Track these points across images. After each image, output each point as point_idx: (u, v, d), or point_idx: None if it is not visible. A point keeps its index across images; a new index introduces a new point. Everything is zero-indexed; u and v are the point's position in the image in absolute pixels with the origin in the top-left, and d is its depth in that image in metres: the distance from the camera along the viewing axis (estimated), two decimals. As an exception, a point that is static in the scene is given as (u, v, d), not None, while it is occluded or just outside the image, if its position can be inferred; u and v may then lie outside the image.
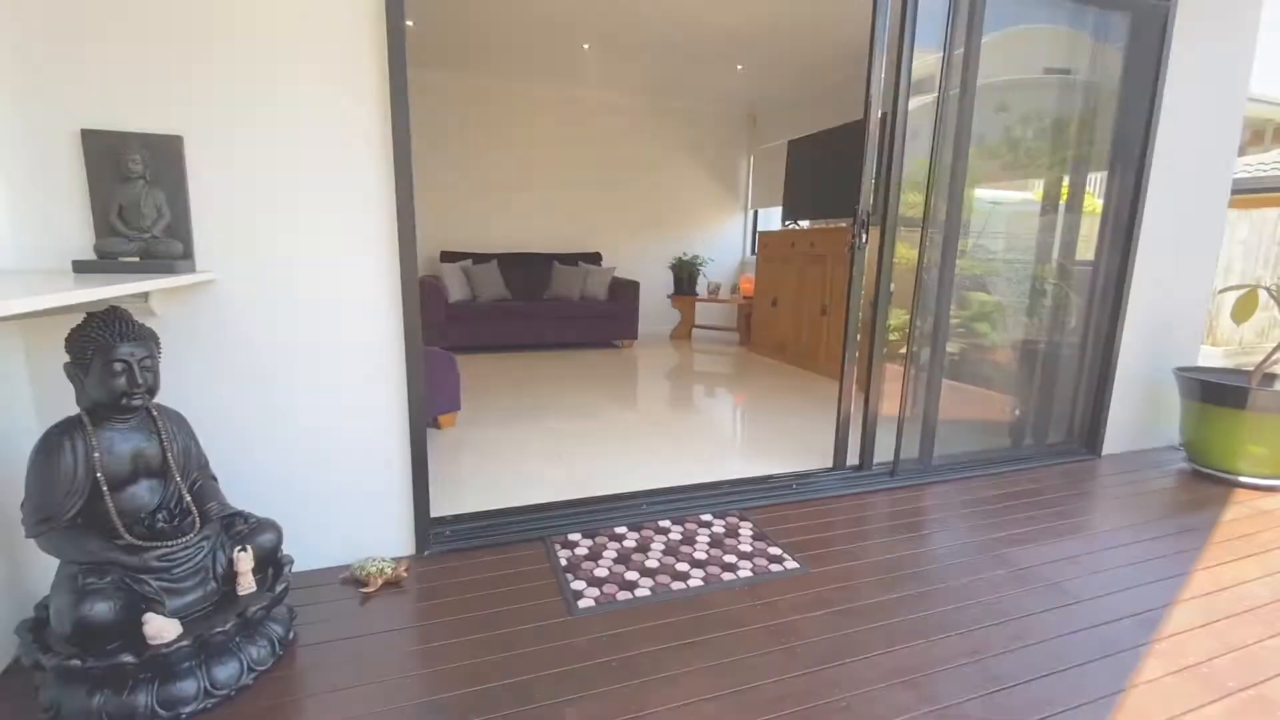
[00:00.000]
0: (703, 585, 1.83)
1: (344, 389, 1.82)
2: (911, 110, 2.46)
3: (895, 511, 2.42)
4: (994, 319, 3.05)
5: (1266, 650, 1.60)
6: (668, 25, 4.61)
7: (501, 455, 2.87)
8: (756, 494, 2.49)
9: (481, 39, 4.98)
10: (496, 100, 6.15)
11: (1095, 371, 3.09)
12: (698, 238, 7.23)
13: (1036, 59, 2.89)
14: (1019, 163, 3.04)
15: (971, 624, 1.68)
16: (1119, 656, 1.56)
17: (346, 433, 1.85)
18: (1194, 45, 2.84)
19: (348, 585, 1.80)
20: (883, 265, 2.56)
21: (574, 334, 5.82)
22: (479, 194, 6.27)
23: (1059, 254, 3.06)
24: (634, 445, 3.07)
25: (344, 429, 1.84)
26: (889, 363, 2.67)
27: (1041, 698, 1.40)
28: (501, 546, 2.04)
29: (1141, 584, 1.91)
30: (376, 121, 1.74)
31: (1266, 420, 2.67)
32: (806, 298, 5.01)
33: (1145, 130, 2.85)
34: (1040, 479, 2.80)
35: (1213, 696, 1.42)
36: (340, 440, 1.85)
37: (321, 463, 1.84)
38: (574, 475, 2.64)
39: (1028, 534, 2.23)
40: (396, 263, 1.82)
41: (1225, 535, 2.27)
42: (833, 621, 1.67)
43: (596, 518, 2.23)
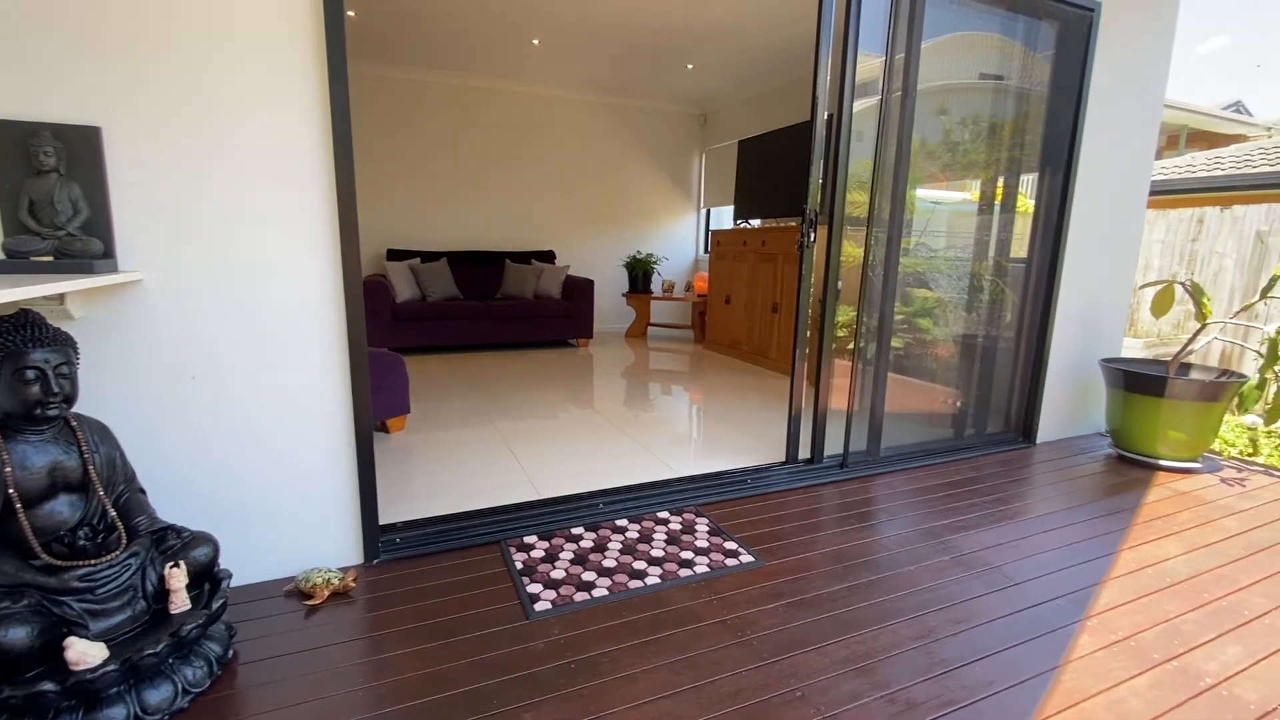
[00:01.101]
0: (660, 583, 1.83)
1: (284, 394, 1.75)
2: (856, 112, 2.53)
3: (845, 503, 2.48)
4: (936, 314, 3.16)
5: (1187, 623, 1.71)
6: (617, 23, 4.61)
7: (454, 458, 2.81)
8: (713, 490, 2.51)
9: (427, 32, 4.86)
10: (444, 95, 6.02)
11: (1029, 363, 3.25)
12: (652, 236, 7.26)
13: (973, 65, 3.01)
14: (957, 164, 3.17)
15: (918, 610, 1.74)
16: (1054, 634, 1.64)
17: (287, 439, 1.77)
18: (1115, 54, 3.02)
19: (292, 598, 1.72)
20: (830, 263, 2.62)
21: (528, 333, 5.76)
22: (427, 191, 6.12)
23: (995, 252, 3.20)
24: (591, 445, 3.05)
25: (284, 436, 1.77)
26: (838, 358, 2.73)
27: (984, 678, 1.46)
28: (455, 552, 2.00)
29: (1074, 565, 2.02)
30: (315, 114, 1.67)
31: (1183, 407, 2.86)
32: (758, 295, 5.10)
33: (1072, 134, 3.01)
34: (980, 467, 2.92)
35: (1140, 668, 1.51)
36: (280, 447, 1.77)
37: (261, 471, 1.75)
38: (529, 477, 2.61)
39: (970, 521, 2.33)
40: (338, 261, 1.75)
41: (1148, 516, 2.42)
42: (787, 613, 1.70)
43: (553, 519, 2.21)
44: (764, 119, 6.00)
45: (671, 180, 7.29)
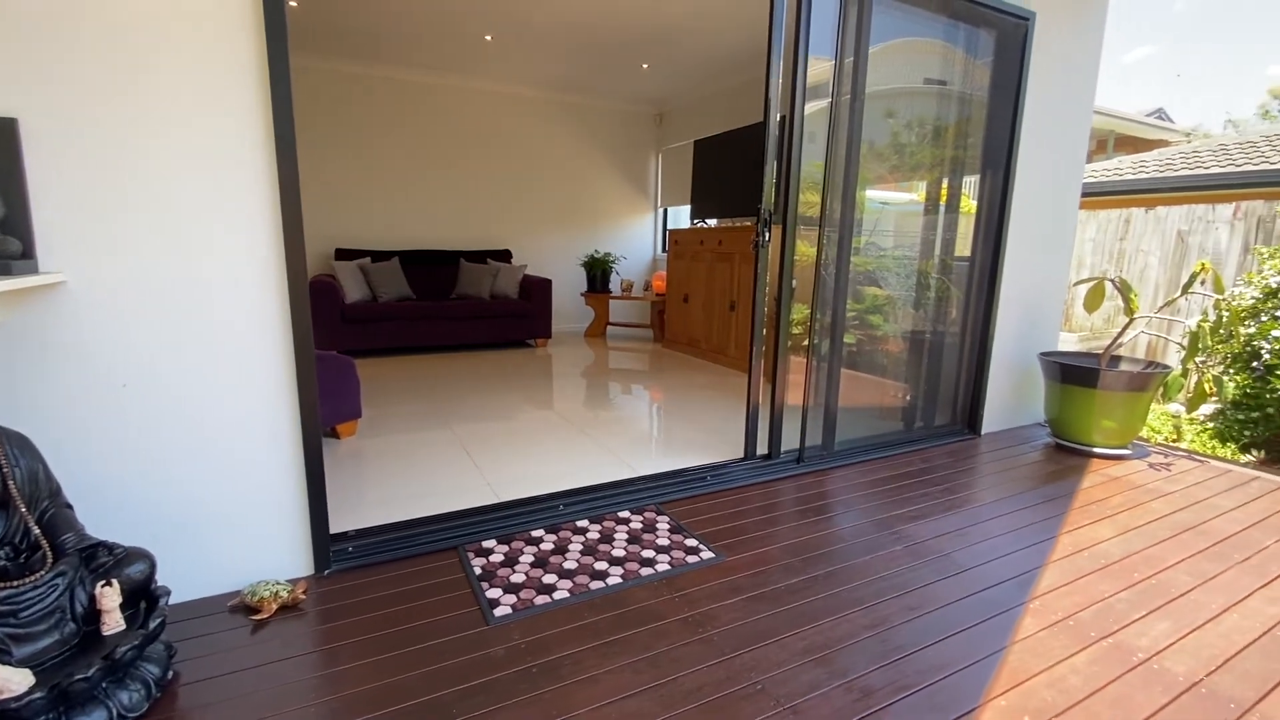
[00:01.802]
0: (621, 582, 1.83)
1: (225, 401, 1.67)
2: (808, 114, 2.58)
3: (802, 496, 2.53)
4: (886, 311, 3.26)
5: (1120, 602, 1.81)
6: (571, 21, 4.58)
7: (409, 463, 2.75)
8: (673, 488, 2.52)
9: (377, 24, 4.72)
10: (396, 90, 5.86)
11: (973, 358, 3.38)
12: (610, 235, 7.24)
13: (918, 70, 3.11)
14: (905, 166, 3.27)
15: (873, 599, 1.78)
16: (1001, 617, 1.71)
17: (229, 447, 1.69)
18: (1049, 62, 3.17)
19: (237, 613, 1.65)
20: (785, 262, 2.67)
21: (485, 334, 5.67)
22: (377, 189, 5.95)
23: (940, 251, 3.31)
24: (550, 446, 3.03)
25: (226, 444, 1.69)
26: (793, 355, 2.79)
27: (936, 662, 1.51)
28: (411, 559, 1.95)
29: (1017, 550, 2.11)
30: (255, 106, 1.60)
31: (1114, 397, 3.02)
32: (716, 294, 5.15)
33: (1010, 138, 3.14)
34: (930, 458, 3.02)
35: (1079, 646, 1.59)
36: (222, 456, 1.69)
37: (201, 482, 1.67)
38: (488, 480, 2.57)
39: (920, 510, 2.41)
40: (282, 261, 1.69)
41: (1084, 501, 2.55)
42: (747, 607, 1.72)
43: (512, 523, 2.18)
44: (719, 119, 6.06)
45: (628, 179, 7.29)
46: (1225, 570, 2.00)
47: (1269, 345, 3.38)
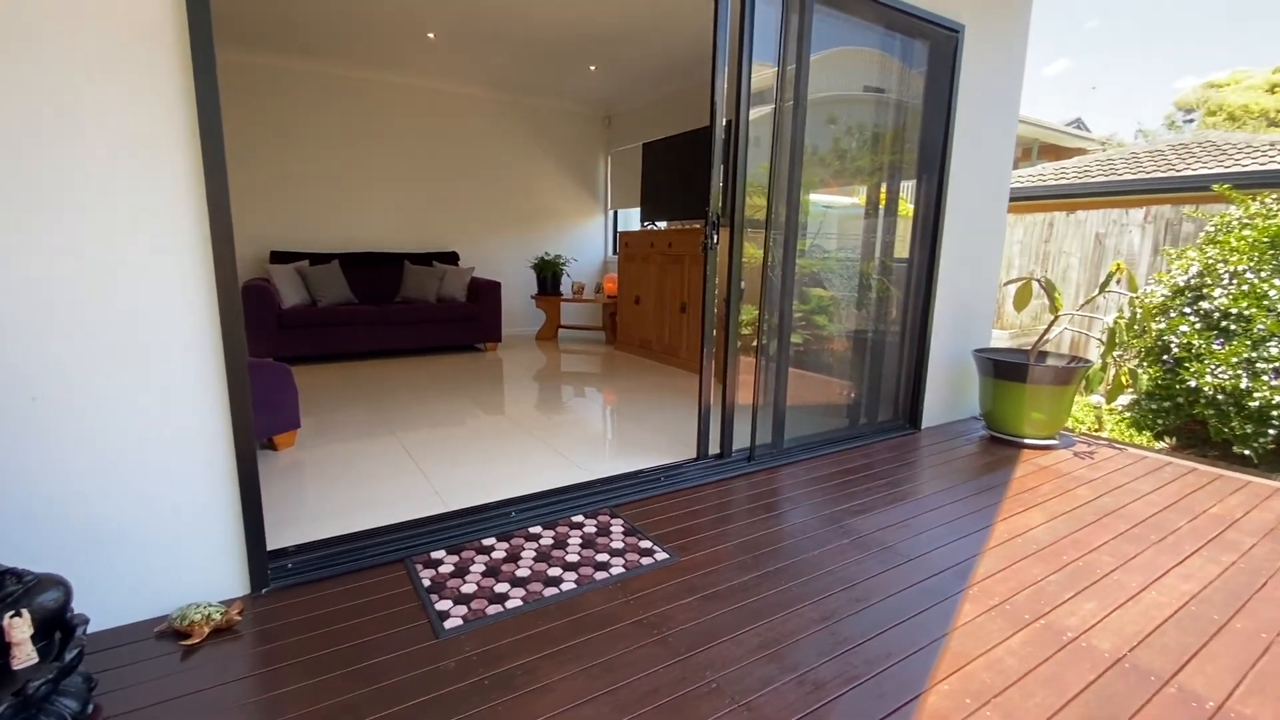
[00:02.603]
0: (576, 588, 1.81)
1: (149, 413, 1.57)
2: (753, 119, 2.63)
3: (754, 494, 2.57)
4: (830, 312, 3.35)
5: (1050, 584, 1.91)
6: (515, 22, 4.52)
7: (352, 474, 2.65)
8: (627, 490, 2.52)
9: (315, 19, 4.55)
10: (335, 87, 5.66)
11: (913, 355, 3.51)
12: (560, 237, 7.19)
13: (857, 78, 3.21)
14: (846, 170, 3.37)
15: (822, 592, 1.83)
16: (942, 605, 1.78)
17: (154, 464, 1.59)
18: (978, 72, 3.33)
19: (165, 639, 1.55)
20: (733, 264, 2.71)
21: (431, 338, 5.53)
22: (315, 189, 5.73)
23: (880, 253, 3.43)
24: (501, 451, 2.97)
25: (150, 459, 1.58)
26: (743, 355, 2.83)
27: (882, 651, 1.56)
28: (355, 573, 1.88)
29: (957, 539, 2.20)
30: (178, 97, 1.51)
31: (1042, 391, 3.20)
32: (667, 296, 5.18)
33: (943, 144, 3.28)
34: (874, 454, 3.12)
35: (1014, 629, 1.67)
36: (146, 473, 1.58)
37: (122, 501, 1.56)
38: (436, 489, 2.50)
39: (866, 504, 2.48)
40: (210, 263, 1.60)
41: (1016, 490, 2.68)
42: (702, 606, 1.74)
43: (462, 531, 2.13)
44: (667, 122, 6.11)
45: (578, 181, 7.26)
46: (1143, 551, 2.14)
47: (1177, 340, 3.65)
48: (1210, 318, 3.58)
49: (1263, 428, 3.24)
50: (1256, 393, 3.21)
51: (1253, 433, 3.27)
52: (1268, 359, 3.23)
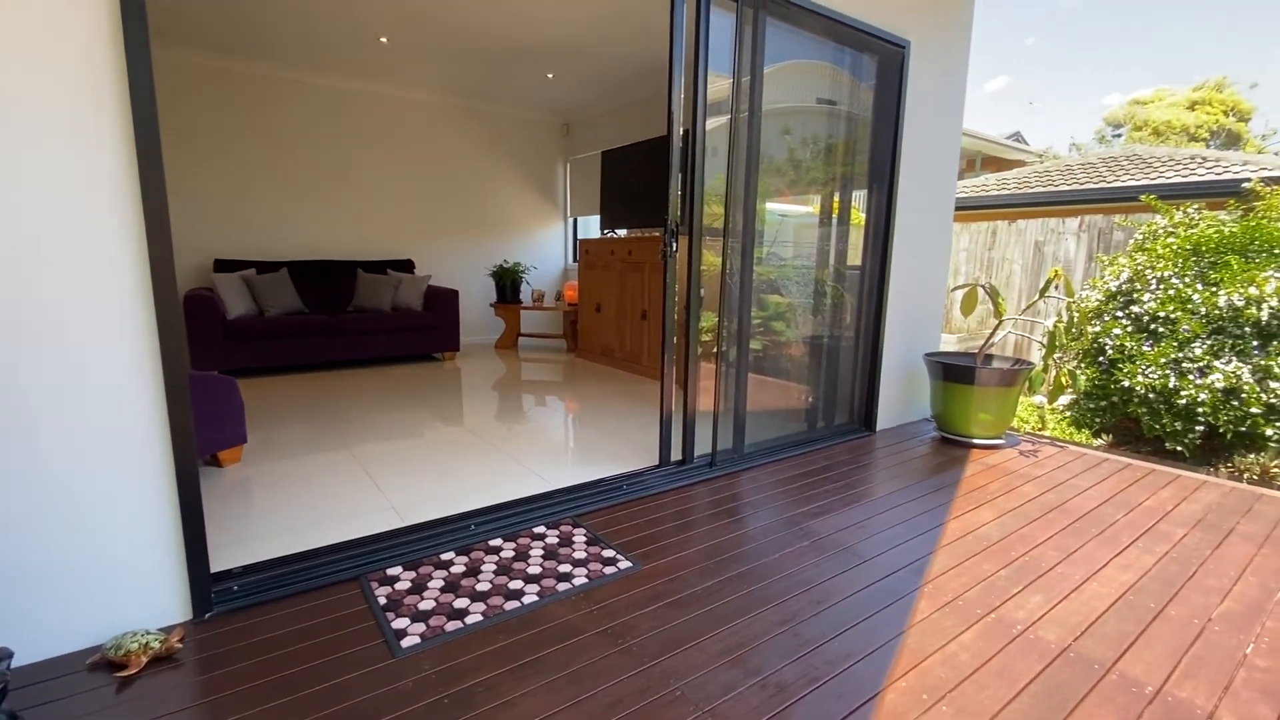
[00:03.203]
0: (538, 600, 1.79)
1: (82, 431, 1.48)
2: (709, 130, 2.66)
3: (716, 500, 2.58)
4: (788, 318, 3.41)
5: (1000, 579, 1.98)
6: (469, 29, 4.48)
7: (302, 489, 2.55)
8: (589, 499, 2.50)
9: (261, 20, 4.40)
10: (283, 90, 5.49)
11: (867, 360, 3.60)
12: (519, 245, 7.13)
13: (810, 90, 3.29)
14: (801, 180, 3.44)
15: (784, 595, 1.85)
16: (899, 603, 1.82)
17: (86, 484, 1.50)
18: (924, 86, 3.45)
19: (99, 671, 1.46)
20: (692, 272, 2.73)
21: (387, 348, 5.39)
22: (263, 195, 5.53)
23: (835, 260, 3.52)
24: (461, 463, 2.92)
25: (82, 479, 1.49)
26: (704, 361, 2.85)
27: (842, 651, 1.59)
28: (306, 594, 1.80)
29: (912, 538, 2.26)
30: (108, 94, 1.44)
31: (989, 392, 3.32)
32: (628, 303, 5.19)
33: (892, 155, 3.39)
34: (831, 456, 3.19)
35: (967, 624, 1.72)
36: (77, 494, 1.49)
37: (51, 525, 1.47)
38: (392, 503, 2.43)
39: (825, 506, 2.52)
40: (146, 272, 1.52)
41: (967, 489, 2.77)
42: (665, 614, 1.73)
43: (419, 546, 2.07)
44: (626, 131, 6.14)
45: (537, 189, 7.22)
46: (1085, 544, 2.24)
47: (1111, 342, 3.84)
48: (1140, 321, 3.79)
49: (1190, 424, 3.44)
50: (1183, 391, 3.40)
51: (1181, 429, 3.47)
52: (1193, 359, 3.44)
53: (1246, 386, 3.23)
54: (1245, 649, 1.63)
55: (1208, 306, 3.48)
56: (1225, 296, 3.42)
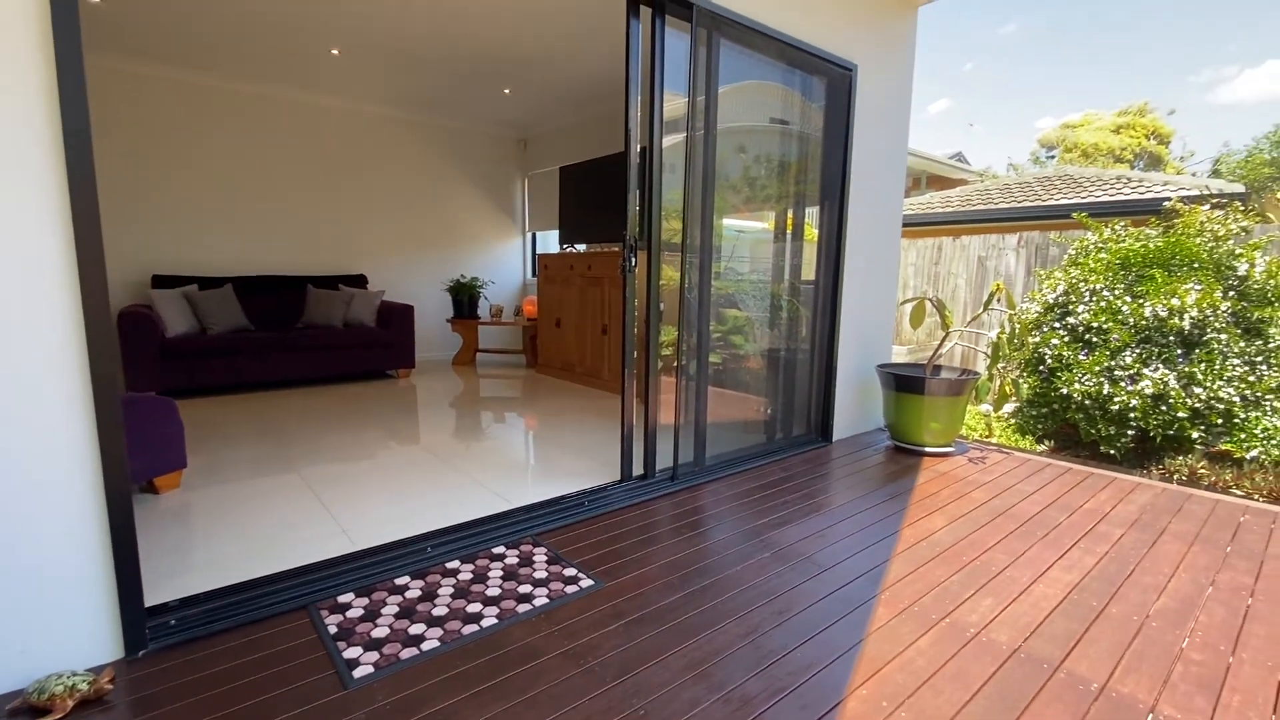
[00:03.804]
0: (497, 623, 1.74)
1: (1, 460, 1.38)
2: (667, 147, 2.70)
3: (678, 514, 2.58)
4: (746, 332, 3.46)
5: (953, 584, 2.03)
6: (423, 42, 4.44)
7: (247, 515, 2.44)
8: (550, 517, 2.46)
9: (206, 30, 4.26)
10: (233, 101, 5.31)
11: (823, 371, 3.68)
12: (476, 259, 7.05)
13: (764, 110, 3.38)
14: (756, 197, 3.52)
15: (746, 607, 1.85)
16: (858, 611, 1.85)
17: (5, 516, 1.39)
18: (871, 108, 3.59)
19: (20, 718, 1.35)
20: (651, 286, 2.74)
21: (338, 366, 5.23)
22: (205, 208, 5.32)
23: (790, 275, 3.59)
24: (416, 483, 2.84)
25: (0, 512, 1.39)
26: (664, 375, 2.86)
27: (804, 661, 1.60)
28: (250, 626, 1.71)
29: (869, 546, 2.30)
30: (35, 100, 1.36)
31: (939, 402, 3.43)
32: (588, 318, 5.17)
33: (842, 174, 3.50)
34: (790, 467, 3.23)
35: (923, 630, 1.76)
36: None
37: (-38, 561, 1.36)
38: (344, 527, 2.35)
39: (785, 517, 2.55)
40: (76, 288, 1.44)
41: (920, 496, 2.85)
42: (628, 632, 1.71)
43: (373, 572, 2.00)
44: (584, 146, 6.16)
45: (494, 203, 7.16)
46: (1031, 547, 2.32)
47: (1050, 352, 4.03)
48: (1076, 331, 3.99)
49: (1123, 429, 3.63)
50: (1116, 398, 3.59)
51: (1115, 434, 3.65)
52: (1124, 367, 3.63)
53: (1173, 392, 3.42)
54: (1181, 643, 1.72)
55: (1135, 317, 3.69)
56: (1151, 307, 3.64)
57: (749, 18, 2.86)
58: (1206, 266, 3.79)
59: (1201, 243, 3.93)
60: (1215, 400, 3.38)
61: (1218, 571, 2.15)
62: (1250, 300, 3.66)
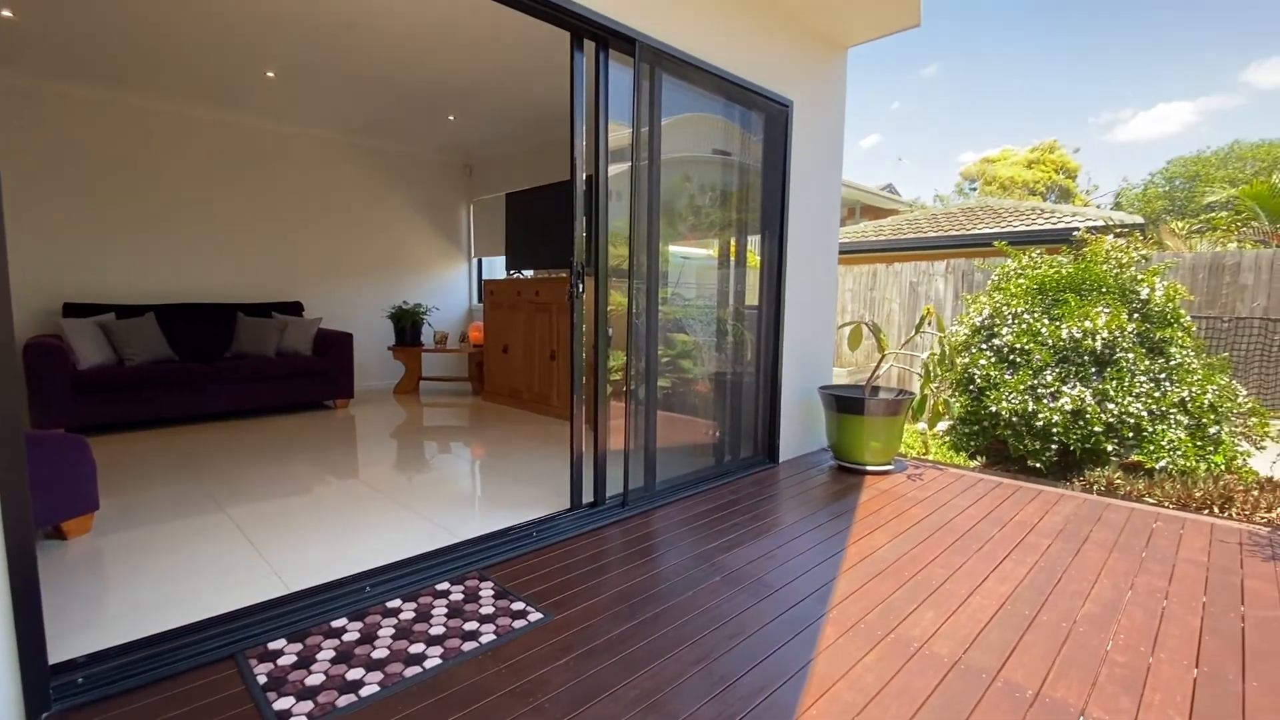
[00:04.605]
0: (441, 663, 1.67)
1: (-126, 507, 1.24)
2: (612, 175, 2.74)
3: (628, 540, 2.56)
4: (693, 356, 3.51)
5: (897, 599, 2.09)
6: (363, 66, 4.39)
7: (167, 560, 2.27)
8: (497, 549, 2.40)
9: (132, 49, 4.08)
10: (157, 122, 5.07)
11: (768, 394, 3.76)
12: (420, 286, 6.91)
13: (707, 141, 3.49)
14: (701, 225, 3.61)
15: (698, 633, 1.84)
16: (807, 631, 1.87)
17: (-120, 572, 1.26)
18: (807, 141, 3.75)
19: (-114, 804, 1.20)
20: (599, 312, 2.76)
21: (271, 397, 4.99)
22: (126, 234, 5.03)
23: (735, 300, 3.68)
24: (355, 520, 2.72)
25: (-125, 567, 1.25)
26: (613, 401, 2.86)
27: (756, 685, 1.60)
28: (169, 680, 1.59)
29: (816, 565, 2.34)
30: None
31: (878, 421, 3.56)
32: (536, 344, 5.13)
33: (782, 203, 3.64)
34: (739, 489, 3.26)
35: (869, 646, 1.79)
36: None
37: None
38: (275, 569, 2.22)
39: (734, 540, 2.57)
40: (-24, 322, 1.33)
41: (863, 514, 2.93)
42: (578, 665, 1.68)
43: (306, 615, 1.89)
44: (531, 173, 6.18)
45: (439, 229, 7.07)
46: (967, 560, 2.41)
47: (979, 372, 4.26)
48: (1001, 352, 4.23)
49: (1047, 443, 3.85)
50: (1040, 414, 3.81)
51: (1040, 448, 3.87)
52: (1045, 385, 3.87)
53: (1089, 408, 3.66)
54: (1106, 646, 1.81)
55: (1054, 338, 3.95)
56: (1067, 329, 3.90)
57: (690, 54, 2.96)
58: (1113, 291, 4.10)
59: (1108, 269, 4.26)
60: (1126, 415, 3.63)
61: (1135, 576, 2.28)
62: (1152, 322, 3.98)
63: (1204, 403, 3.68)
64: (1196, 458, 3.60)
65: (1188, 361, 3.86)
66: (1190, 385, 3.72)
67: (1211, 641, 1.85)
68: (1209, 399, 3.68)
